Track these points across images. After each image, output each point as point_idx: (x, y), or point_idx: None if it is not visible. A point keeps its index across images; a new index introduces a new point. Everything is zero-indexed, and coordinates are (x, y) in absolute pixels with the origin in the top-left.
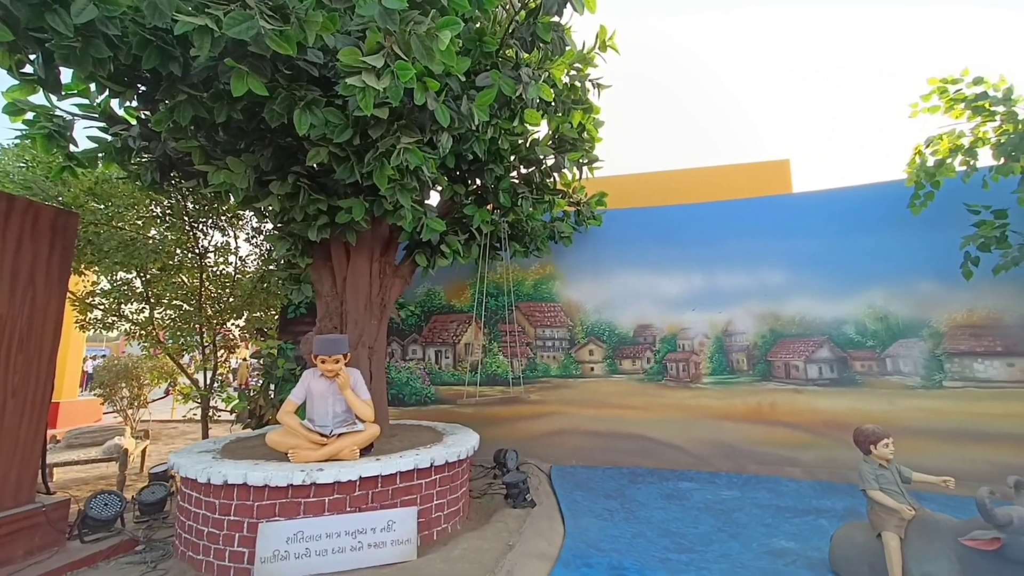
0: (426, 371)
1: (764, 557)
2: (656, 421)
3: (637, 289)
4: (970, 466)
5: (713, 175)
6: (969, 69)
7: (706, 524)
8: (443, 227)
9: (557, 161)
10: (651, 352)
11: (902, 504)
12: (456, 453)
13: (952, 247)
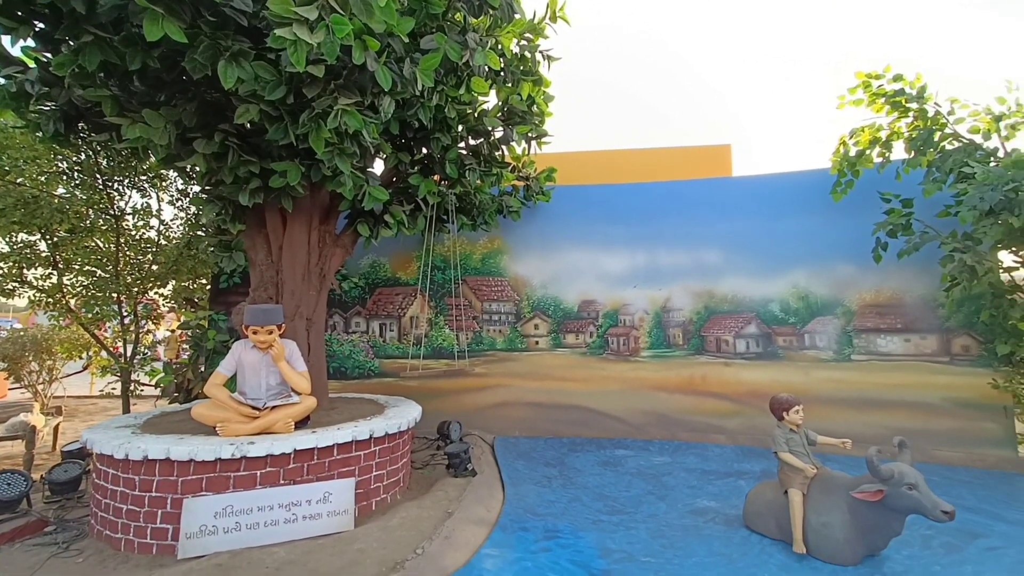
0: (370, 344)
1: (687, 516)
2: (597, 393)
3: (582, 265)
4: (870, 430)
5: (659, 156)
6: (891, 66)
7: (638, 488)
8: (386, 196)
9: (506, 134)
10: (594, 327)
11: (807, 464)
12: (397, 425)
13: (866, 233)
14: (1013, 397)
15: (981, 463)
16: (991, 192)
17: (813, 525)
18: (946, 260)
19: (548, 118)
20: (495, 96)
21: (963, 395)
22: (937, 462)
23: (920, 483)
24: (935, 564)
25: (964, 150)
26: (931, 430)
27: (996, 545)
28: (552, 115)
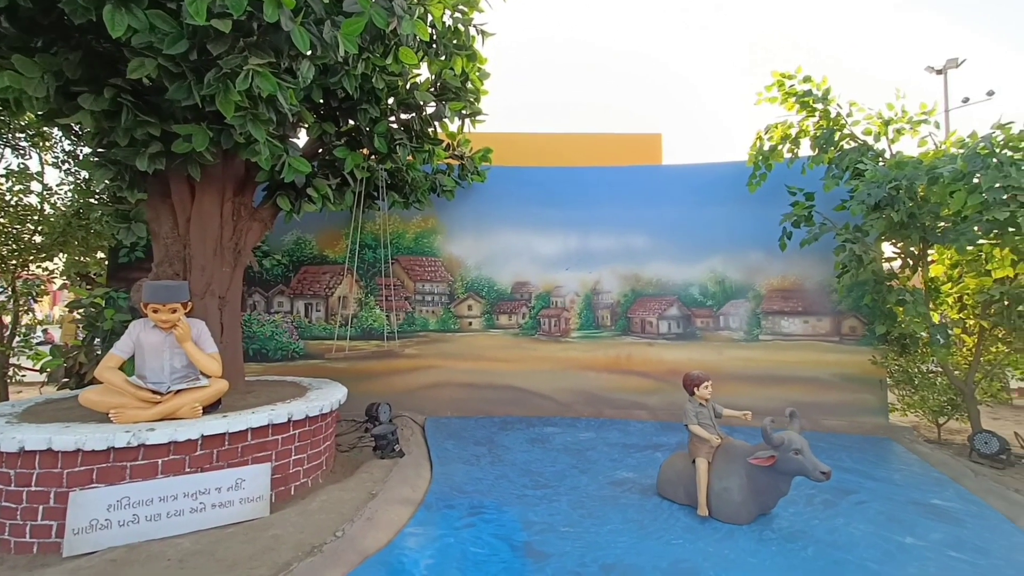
0: (294, 325)
1: (607, 487)
2: (528, 372)
3: (517, 247)
4: (772, 403)
5: (593, 142)
6: (802, 67)
7: (563, 463)
8: (309, 168)
9: (438, 109)
10: (527, 308)
11: (712, 435)
12: (319, 407)
13: (776, 222)
14: (887, 372)
15: (859, 429)
16: (877, 189)
17: (715, 490)
18: (839, 250)
19: (484, 96)
20: (427, 70)
21: (848, 371)
22: (825, 430)
23: (805, 448)
24: (815, 519)
25: (858, 150)
26: (821, 402)
27: (864, 499)
28: (488, 93)
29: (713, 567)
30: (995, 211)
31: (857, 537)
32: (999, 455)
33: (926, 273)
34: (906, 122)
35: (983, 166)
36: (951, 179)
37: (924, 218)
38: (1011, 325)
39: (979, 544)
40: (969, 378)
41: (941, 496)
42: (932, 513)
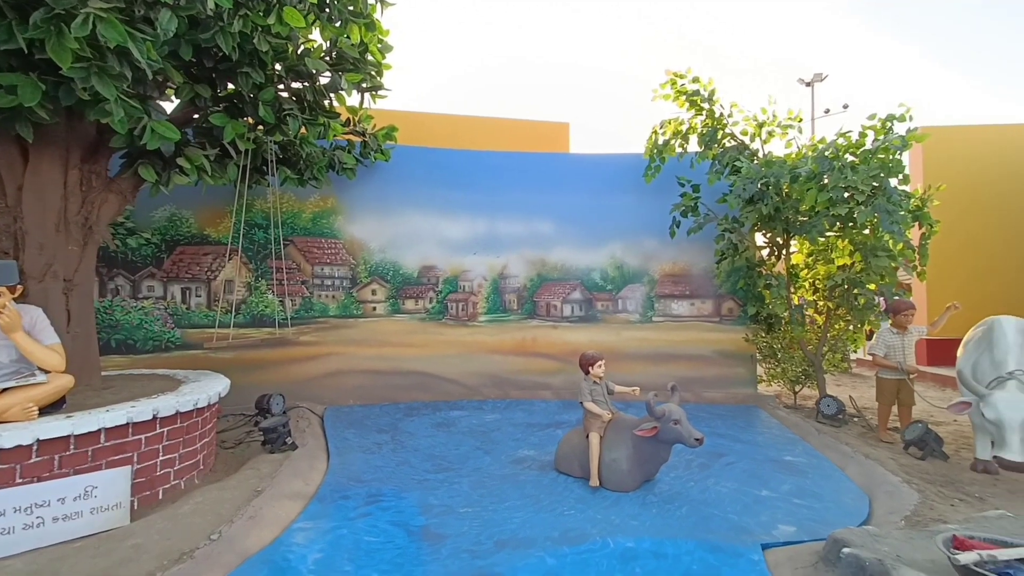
0: (168, 312)
1: (508, 466)
2: (435, 357)
3: (424, 230)
4: (662, 379)
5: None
6: (692, 68)
7: (467, 445)
8: (177, 135)
9: (333, 80)
10: (434, 292)
11: (604, 411)
12: (192, 401)
13: (668, 212)
14: (756, 348)
15: (733, 399)
16: (751, 185)
17: (606, 461)
18: (719, 239)
19: (386, 70)
20: (320, 36)
21: (726, 348)
22: (705, 401)
23: (683, 418)
24: (691, 481)
25: (737, 148)
26: (704, 376)
27: (732, 460)
28: (390, 68)
29: (599, 532)
30: (838, 207)
31: (724, 494)
32: (837, 416)
33: (788, 261)
34: (776, 126)
35: (829, 168)
36: (806, 179)
37: (787, 212)
38: (849, 306)
39: (816, 491)
40: (818, 351)
41: (792, 453)
42: (784, 468)
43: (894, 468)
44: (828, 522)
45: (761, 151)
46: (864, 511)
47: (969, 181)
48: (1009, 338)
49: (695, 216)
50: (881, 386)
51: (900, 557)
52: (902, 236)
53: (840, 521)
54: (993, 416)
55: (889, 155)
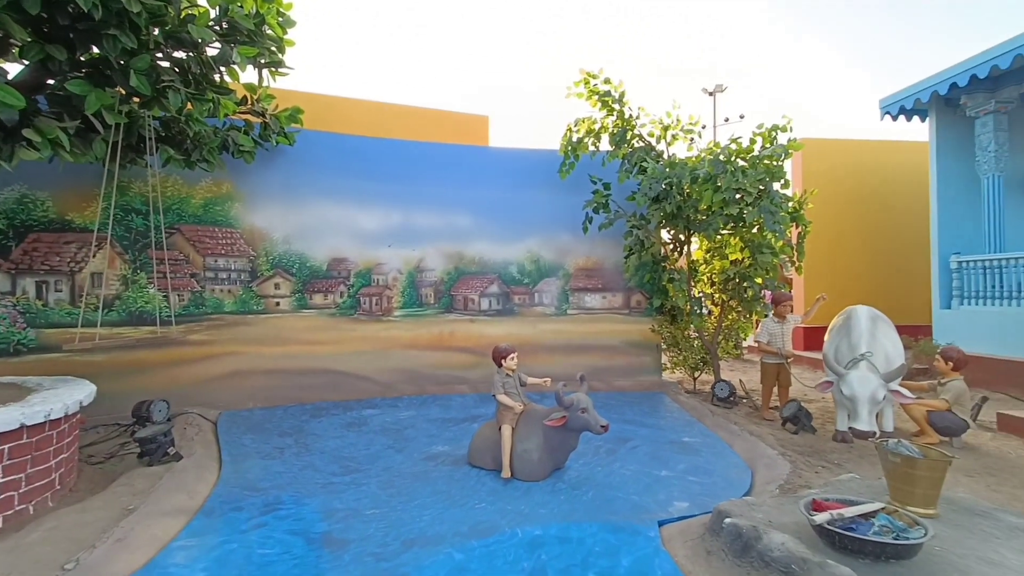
0: (18, 309)
1: (420, 463)
2: (347, 354)
3: (334, 221)
4: (576, 369)
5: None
6: (604, 69)
7: (378, 444)
8: (22, 102)
9: (223, 52)
10: (345, 286)
11: (516, 403)
12: (43, 412)
13: (581, 208)
14: (661, 338)
15: (641, 387)
16: (656, 184)
17: (517, 452)
18: (627, 235)
19: (288, 47)
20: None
21: (634, 338)
22: (616, 389)
23: (590, 407)
24: (598, 466)
25: (644, 149)
26: (614, 366)
27: (637, 444)
28: (293, 44)
29: (509, 523)
30: (730, 207)
31: (627, 476)
32: (728, 398)
33: (689, 256)
34: (679, 129)
35: (723, 171)
36: (703, 180)
37: (688, 211)
38: (740, 297)
39: (708, 468)
40: (714, 340)
41: (689, 434)
42: (682, 449)
43: (772, 443)
44: (716, 496)
45: (666, 153)
46: (747, 483)
47: (839, 188)
48: (862, 325)
49: (606, 213)
50: (764, 370)
51: (771, 522)
52: (783, 235)
53: (726, 494)
54: (848, 392)
55: (773, 161)
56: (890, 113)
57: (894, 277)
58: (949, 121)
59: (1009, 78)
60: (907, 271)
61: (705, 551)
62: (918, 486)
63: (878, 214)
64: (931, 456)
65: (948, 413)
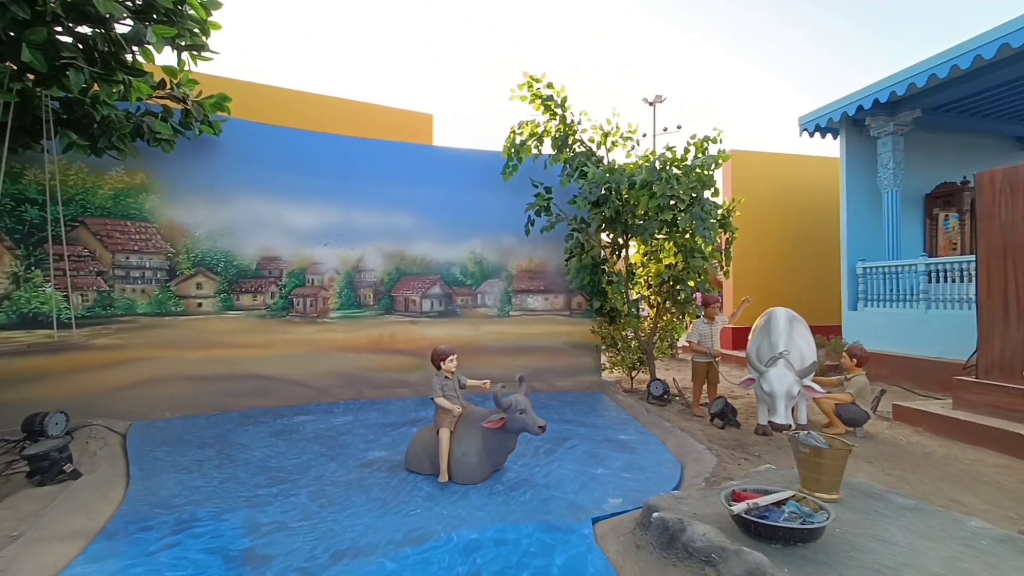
0: None
1: (355, 470)
2: (278, 358)
3: (265, 217)
4: (518, 371)
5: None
6: (547, 73)
7: (310, 452)
8: None
9: (136, 30)
10: (276, 286)
11: (455, 405)
12: None
13: (523, 210)
14: (601, 338)
15: (581, 387)
16: (596, 189)
17: (455, 455)
18: (568, 238)
19: (214, 30)
20: None
21: (575, 339)
22: (557, 390)
23: (528, 408)
24: (536, 466)
25: (585, 154)
26: (556, 367)
27: (575, 443)
28: (219, 27)
29: (445, 528)
30: (665, 213)
31: (565, 476)
32: (663, 396)
33: (627, 260)
34: (619, 136)
35: (658, 178)
36: (640, 186)
37: (626, 215)
38: (674, 299)
39: (642, 464)
40: (650, 340)
41: (625, 432)
42: (618, 447)
43: (701, 438)
44: (649, 491)
45: (606, 158)
46: (677, 477)
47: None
48: (781, 325)
49: (548, 216)
50: (694, 368)
51: (696, 514)
52: (712, 240)
53: (658, 489)
54: (768, 388)
55: (704, 171)
56: (807, 130)
57: (811, 281)
58: (856, 140)
59: (905, 103)
60: (822, 276)
61: (635, 545)
62: (823, 473)
63: (797, 223)
64: (835, 446)
65: (852, 405)
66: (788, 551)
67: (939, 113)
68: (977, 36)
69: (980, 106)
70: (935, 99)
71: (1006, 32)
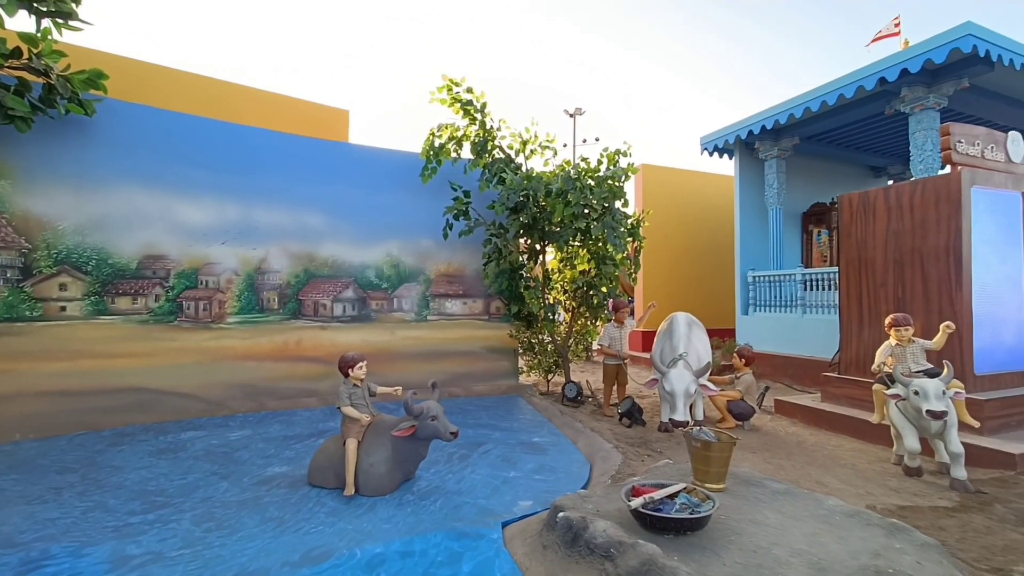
0: None
1: (250, 489)
2: (163, 368)
3: (148, 211)
4: (435, 376)
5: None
6: (467, 77)
7: (198, 472)
8: None
9: None
10: (162, 288)
11: (363, 414)
12: None
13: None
14: (518, 342)
15: (498, 391)
16: (514, 195)
17: (363, 466)
18: (486, 242)
19: None
20: None
21: (494, 343)
22: (474, 395)
23: (440, 414)
24: (449, 473)
25: (504, 160)
26: (474, 371)
27: (489, 448)
28: None
29: (348, 544)
30: (579, 221)
31: (477, 481)
32: (576, 398)
33: (544, 265)
34: (537, 145)
35: (573, 187)
36: (556, 194)
37: (543, 222)
38: (588, 304)
39: (554, 465)
40: (566, 343)
41: (539, 435)
42: (531, 449)
43: (609, 437)
44: (558, 492)
45: (525, 166)
46: (586, 476)
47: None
48: (681, 329)
49: (467, 220)
50: (605, 370)
51: (599, 512)
52: (622, 248)
53: (567, 489)
54: (668, 388)
55: (615, 182)
56: (707, 150)
57: (711, 288)
58: (748, 161)
59: (787, 131)
60: (720, 283)
61: (542, 546)
62: (712, 465)
63: (700, 234)
64: (722, 439)
65: (741, 401)
66: (679, 540)
67: (813, 142)
68: (841, 77)
69: (843, 138)
70: (810, 129)
71: (862, 76)
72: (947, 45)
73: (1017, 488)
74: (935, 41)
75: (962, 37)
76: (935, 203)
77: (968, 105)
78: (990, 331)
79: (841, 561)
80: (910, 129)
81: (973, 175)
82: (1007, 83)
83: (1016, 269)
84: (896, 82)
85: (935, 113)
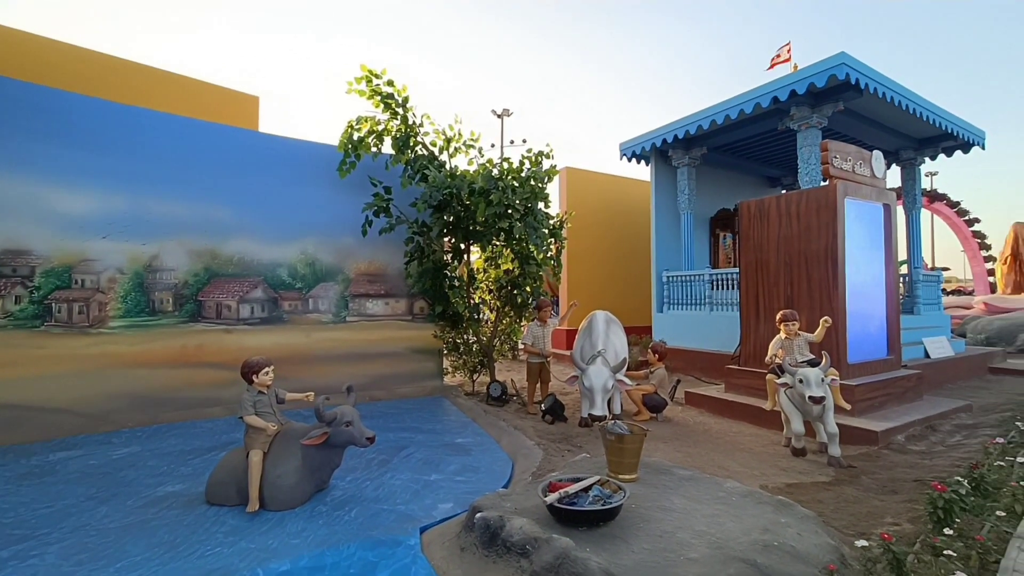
0: None
1: (136, 512)
2: (26, 380)
3: (8, 199)
4: (356, 379)
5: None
6: (387, 70)
7: (72, 496)
8: None
9: None
10: (24, 288)
11: (269, 423)
12: None
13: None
14: (443, 343)
15: (423, 392)
16: (437, 193)
17: (270, 479)
18: (408, 241)
19: None
20: None
21: (417, 344)
22: (398, 397)
23: (355, 419)
24: (367, 480)
25: (427, 157)
26: (397, 373)
27: (412, 451)
28: None
29: (250, 564)
30: (502, 221)
31: (397, 486)
32: (501, 397)
33: (468, 265)
34: (461, 143)
35: (495, 187)
36: (478, 193)
37: (467, 221)
38: (512, 304)
39: (476, 466)
40: (491, 343)
41: (463, 435)
42: (455, 450)
43: (532, 434)
44: (480, 492)
45: (448, 164)
46: (508, 475)
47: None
48: (599, 326)
49: (388, 217)
50: (528, 368)
51: (517, 510)
52: (544, 248)
53: (489, 489)
54: (587, 384)
55: (538, 183)
56: (626, 155)
57: (632, 287)
58: (663, 167)
59: (696, 141)
60: (639, 282)
61: (460, 548)
62: (625, 457)
63: (621, 235)
64: (634, 431)
65: (655, 395)
66: (593, 532)
67: (719, 152)
68: (743, 93)
69: (745, 149)
70: (716, 140)
71: (758, 94)
72: (826, 71)
73: (879, 461)
74: (817, 67)
75: (838, 65)
76: (816, 211)
77: (844, 126)
78: (860, 325)
79: (735, 538)
80: (798, 144)
81: (846, 187)
82: (873, 108)
83: (879, 271)
84: (786, 102)
85: (817, 131)
